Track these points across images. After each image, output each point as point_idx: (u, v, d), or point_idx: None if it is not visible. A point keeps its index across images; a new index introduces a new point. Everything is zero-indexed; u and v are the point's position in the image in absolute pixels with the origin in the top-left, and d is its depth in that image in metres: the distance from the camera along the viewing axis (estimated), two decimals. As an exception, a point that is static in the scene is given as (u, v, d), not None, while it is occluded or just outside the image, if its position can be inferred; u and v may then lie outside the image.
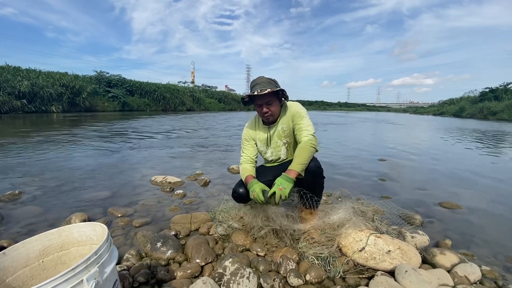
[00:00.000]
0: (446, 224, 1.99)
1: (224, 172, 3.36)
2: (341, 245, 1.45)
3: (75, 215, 1.87)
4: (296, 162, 1.40)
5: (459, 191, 2.79)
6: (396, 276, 1.22)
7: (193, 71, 54.91)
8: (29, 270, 0.82)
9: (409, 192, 2.73)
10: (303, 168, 1.41)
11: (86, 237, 0.90)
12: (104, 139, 6.16)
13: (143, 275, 1.23)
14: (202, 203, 2.27)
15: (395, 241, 1.42)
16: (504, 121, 21.49)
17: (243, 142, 1.80)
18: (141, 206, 2.17)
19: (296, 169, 1.38)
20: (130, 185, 2.73)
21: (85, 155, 4.21)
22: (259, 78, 1.58)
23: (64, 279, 0.61)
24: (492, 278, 1.32)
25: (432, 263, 1.40)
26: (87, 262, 0.66)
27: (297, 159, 1.41)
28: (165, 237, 1.54)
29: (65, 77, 20.31)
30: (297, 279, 1.23)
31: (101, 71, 26.40)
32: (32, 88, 17.04)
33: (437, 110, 39.93)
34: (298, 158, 1.41)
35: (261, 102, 1.56)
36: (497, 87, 31.29)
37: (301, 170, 1.40)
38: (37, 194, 2.39)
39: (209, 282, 1.11)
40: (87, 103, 20.69)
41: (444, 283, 1.21)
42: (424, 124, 15.78)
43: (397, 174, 3.54)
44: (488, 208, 2.36)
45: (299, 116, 1.57)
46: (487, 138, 8.29)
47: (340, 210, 1.68)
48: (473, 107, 29.77)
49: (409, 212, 2.05)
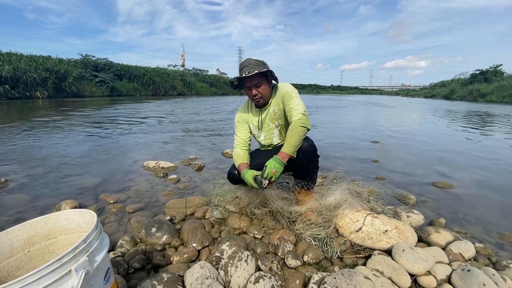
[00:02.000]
0: (439, 203, 2.02)
1: (218, 156, 3.32)
2: (338, 226, 1.45)
3: (65, 202, 1.81)
4: (288, 144, 1.40)
5: (450, 171, 2.84)
6: (393, 255, 1.22)
7: (183, 54, 53.27)
8: (14, 261, 0.77)
9: (402, 172, 2.76)
10: (295, 150, 1.41)
11: (75, 224, 0.86)
12: (93, 124, 5.97)
13: (138, 261, 1.20)
14: (196, 188, 2.24)
15: (391, 220, 1.42)
16: (492, 102, 21.84)
17: (236, 125, 1.79)
18: (134, 191, 2.12)
19: (287, 152, 1.39)
20: (121, 171, 2.66)
21: (74, 142, 4.08)
22: (247, 60, 1.54)
23: (51, 269, 0.57)
24: (486, 255, 1.34)
25: (427, 241, 1.42)
26: (75, 251, 0.62)
27: (288, 140, 1.41)
28: (160, 222, 1.51)
29: (48, 61, 19.37)
30: (295, 260, 1.22)
31: (86, 55, 25.26)
32: (14, 73, 16.22)
33: (428, 93, 40.21)
34: (289, 140, 1.41)
35: (249, 85, 1.53)
36: (487, 69, 31.54)
37: (292, 152, 1.40)
38: (25, 182, 2.30)
39: (206, 266, 1.09)
40: (74, 88, 19.92)
41: (439, 260, 1.23)
42: (416, 107, 15.91)
43: (390, 156, 3.57)
44: (479, 186, 2.41)
45: (288, 96, 1.53)
46: (476, 120, 8.42)
47: (336, 191, 1.67)
48: (463, 89, 30.06)
49: (403, 192, 2.07)
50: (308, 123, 1.44)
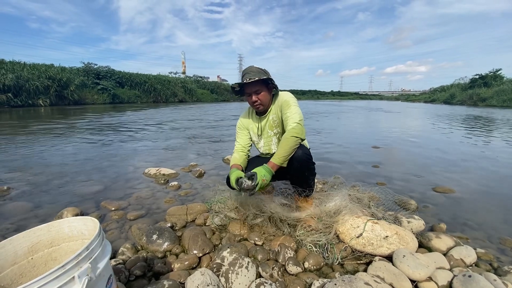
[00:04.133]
0: (440, 208, 2.01)
1: (219, 163, 3.33)
2: (339, 232, 1.45)
3: (67, 209, 1.82)
4: (277, 155, 1.42)
5: (451, 176, 2.84)
6: (394, 260, 1.22)
7: (184, 61, 53.77)
8: (18, 268, 0.78)
9: (402, 178, 2.76)
10: (284, 161, 1.43)
11: (77, 232, 0.87)
12: (95, 132, 6.01)
13: (139, 268, 1.20)
14: (197, 194, 2.24)
15: (392, 226, 1.42)
16: (493, 107, 21.87)
17: (237, 131, 1.84)
18: (135, 198, 2.13)
19: (276, 162, 1.41)
20: (122, 178, 2.67)
21: (75, 149, 4.10)
22: (249, 67, 1.59)
23: (54, 276, 0.58)
24: (487, 260, 1.34)
25: (428, 247, 1.42)
26: (78, 258, 0.63)
27: (278, 151, 1.44)
28: (161, 229, 1.52)
29: (51, 69, 19.58)
30: (295, 267, 1.22)
31: (88, 63, 25.52)
32: (17, 81, 16.38)
33: (428, 97, 40.29)
34: (279, 150, 1.43)
35: (250, 91, 1.58)
36: (486, 74, 31.66)
37: (281, 163, 1.42)
38: (26, 190, 2.32)
39: (207, 273, 1.09)
40: (76, 96, 20.09)
41: (440, 266, 1.23)
42: (415, 112, 15.94)
43: (391, 161, 3.57)
44: (480, 191, 2.41)
45: (286, 104, 1.56)
46: (475, 124, 8.43)
47: (336, 197, 1.67)
48: (463, 93, 30.12)
49: (404, 198, 2.07)
50: (302, 132, 1.46)
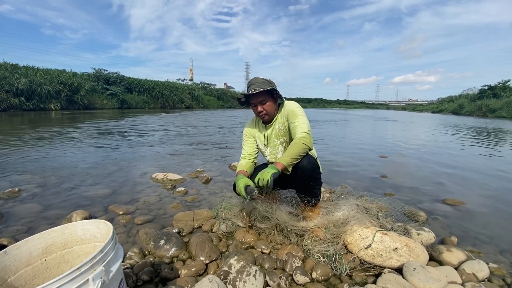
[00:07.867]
0: (450, 220, 1.98)
1: (225, 169, 3.34)
2: (347, 242, 1.44)
3: (76, 212, 1.85)
4: (285, 156, 1.42)
5: (461, 188, 2.78)
6: (404, 273, 1.20)
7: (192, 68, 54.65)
8: (32, 269, 0.79)
9: (411, 189, 2.72)
10: (291, 163, 1.42)
11: (90, 234, 0.88)
12: (103, 136, 6.11)
13: (147, 273, 1.21)
14: (204, 200, 2.25)
15: (401, 238, 1.40)
16: (503, 118, 21.51)
17: (244, 138, 1.85)
18: (143, 203, 2.15)
19: (283, 162, 1.40)
20: (130, 183, 2.70)
21: (84, 153, 4.17)
22: (254, 78, 1.62)
23: (70, 278, 0.59)
24: (500, 276, 1.30)
25: (439, 260, 1.39)
26: (92, 261, 0.64)
27: (286, 152, 1.44)
28: (168, 235, 1.52)
29: (63, 75, 20.16)
30: (303, 276, 1.21)
31: (99, 69, 26.22)
32: (30, 86, 16.89)
33: (436, 108, 39.89)
34: (287, 153, 1.44)
35: (255, 102, 1.60)
36: (495, 85, 31.30)
37: (287, 163, 1.40)
38: (36, 192, 2.36)
39: (215, 280, 1.09)
40: (86, 101, 20.55)
41: (452, 280, 1.20)
42: (423, 122, 15.78)
43: (399, 171, 3.53)
44: (490, 204, 2.35)
45: (293, 114, 1.58)
46: (486, 136, 8.29)
47: (344, 207, 1.66)
48: (472, 104, 29.73)
49: (413, 209, 2.03)
50: (310, 142, 1.46)
